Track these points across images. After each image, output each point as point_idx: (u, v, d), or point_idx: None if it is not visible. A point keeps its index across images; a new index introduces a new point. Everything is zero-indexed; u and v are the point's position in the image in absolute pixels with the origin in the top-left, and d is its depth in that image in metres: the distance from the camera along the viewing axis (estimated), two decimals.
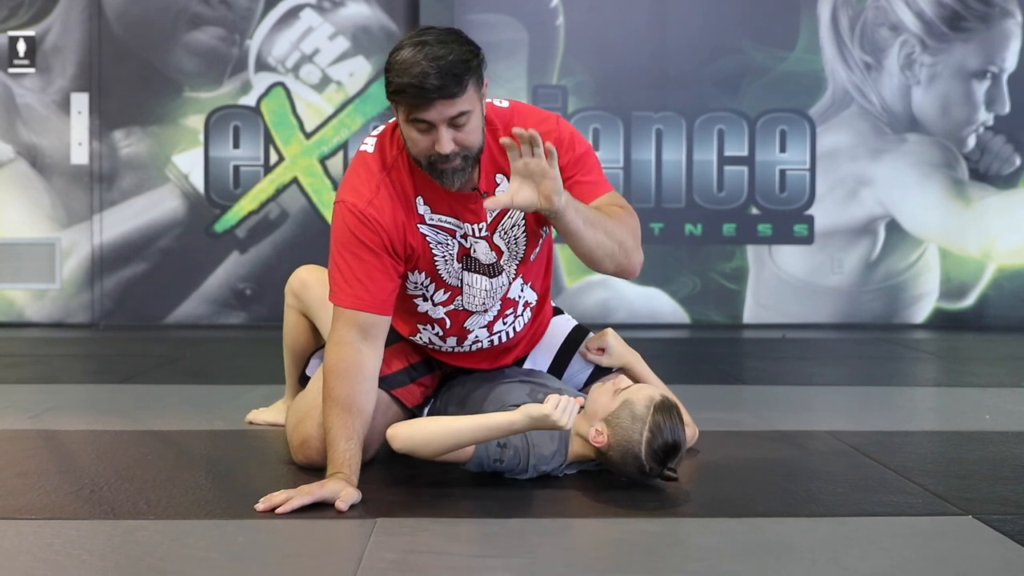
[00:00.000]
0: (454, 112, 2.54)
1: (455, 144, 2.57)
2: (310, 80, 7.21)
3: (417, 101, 2.52)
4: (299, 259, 5.84)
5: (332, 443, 2.62)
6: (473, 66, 2.55)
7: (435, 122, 2.55)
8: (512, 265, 2.85)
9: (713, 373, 5.06)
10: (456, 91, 2.52)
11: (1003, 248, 7.48)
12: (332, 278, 2.73)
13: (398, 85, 2.54)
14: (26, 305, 7.16)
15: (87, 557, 2.18)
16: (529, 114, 2.81)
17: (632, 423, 2.66)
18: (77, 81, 7.11)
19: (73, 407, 4.00)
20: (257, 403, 3.85)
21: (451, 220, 2.75)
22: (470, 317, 2.89)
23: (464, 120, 2.57)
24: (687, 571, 2.16)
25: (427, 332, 2.93)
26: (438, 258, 2.78)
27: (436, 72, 2.49)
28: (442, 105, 2.53)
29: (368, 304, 2.69)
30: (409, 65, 2.51)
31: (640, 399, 2.69)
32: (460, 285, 2.84)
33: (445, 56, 2.50)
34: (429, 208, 2.73)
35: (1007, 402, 4.25)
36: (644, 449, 2.64)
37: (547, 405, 2.53)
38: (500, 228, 2.79)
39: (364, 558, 2.18)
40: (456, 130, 2.57)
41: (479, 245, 2.79)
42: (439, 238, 2.76)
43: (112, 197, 7.14)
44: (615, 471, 2.77)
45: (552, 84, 7.28)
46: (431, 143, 2.58)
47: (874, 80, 7.41)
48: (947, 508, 2.63)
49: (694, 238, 7.38)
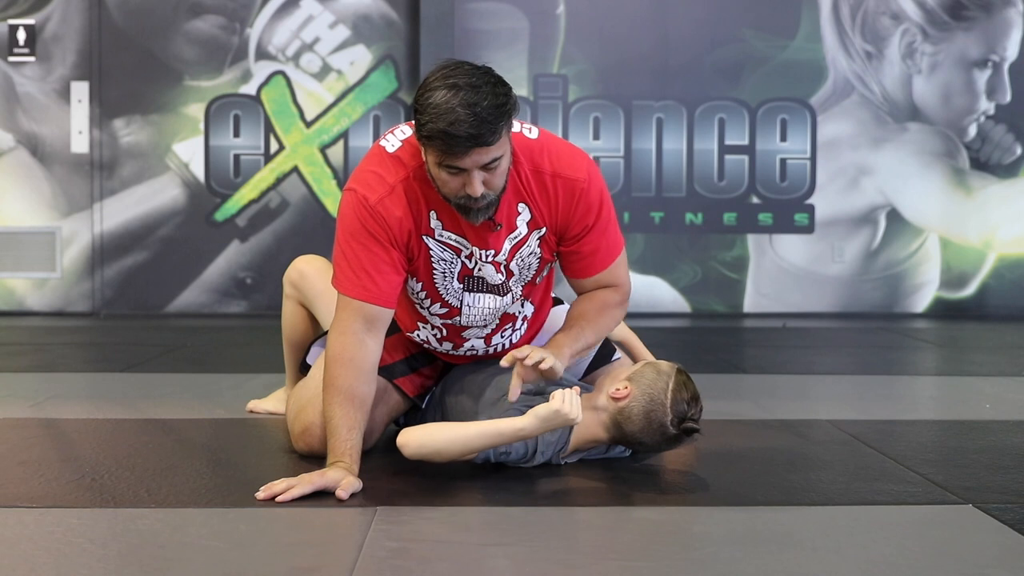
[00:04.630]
0: (487, 159, 2.51)
1: (485, 187, 2.55)
2: (310, 69, 7.20)
3: (452, 150, 2.48)
4: (300, 248, 5.86)
5: (333, 432, 2.62)
6: (507, 111, 2.51)
7: (468, 168, 2.52)
8: (519, 286, 2.85)
9: (714, 362, 5.06)
10: (491, 140, 2.48)
11: (1004, 237, 7.48)
12: (338, 265, 2.72)
13: (431, 131, 2.47)
14: (27, 294, 7.16)
15: (88, 545, 2.18)
16: (558, 155, 2.74)
17: (657, 377, 2.76)
18: (77, 69, 7.10)
19: (74, 395, 4.00)
20: (258, 391, 3.85)
21: (460, 240, 2.72)
22: (468, 330, 2.90)
23: (495, 164, 2.54)
24: (687, 560, 2.16)
25: (425, 331, 2.92)
26: (437, 273, 2.77)
27: (472, 121, 2.44)
28: (476, 153, 2.49)
29: (375, 296, 2.68)
30: (443, 111, 2.45)
31: (662, 362, 2.84)
32: (460, 305, 2.83)
33: (479, 102, 2.45)
34: (441, 224, 2.70)
35: (1007, 391, 4.26)
36: (670, 398, 2.72)
37: (554, 402, 2.56)
38: (518, 256, 2.78)
39: (365, 546, 2.18)
40: (487, 173, 2.54)
41: (486, 268, 2.77)
42: (444, 255, 2.74)
43: (112, 186, 7.14)
44: (628, 439, 2.78)
45: (553, 73, 7.27)
46: (461, 185, 2.54)
47: (875, 69, 7.39)
48: (947, 497, 2.63)
49: (695, 227, 7.38)
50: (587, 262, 2.82)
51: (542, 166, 2.70)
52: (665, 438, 2.77)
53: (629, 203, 7.30)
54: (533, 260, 2.81)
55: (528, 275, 2.84)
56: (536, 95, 7.25)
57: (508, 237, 2.73)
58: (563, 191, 2.72)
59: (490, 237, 2.72)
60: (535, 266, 2.83)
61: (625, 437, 2.79)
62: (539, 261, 2.83)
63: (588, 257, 2.81)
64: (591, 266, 2.83)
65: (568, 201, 2.73)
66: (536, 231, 2.76)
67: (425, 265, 2.75)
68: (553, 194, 2.72)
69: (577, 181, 2.72)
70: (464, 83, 2.47)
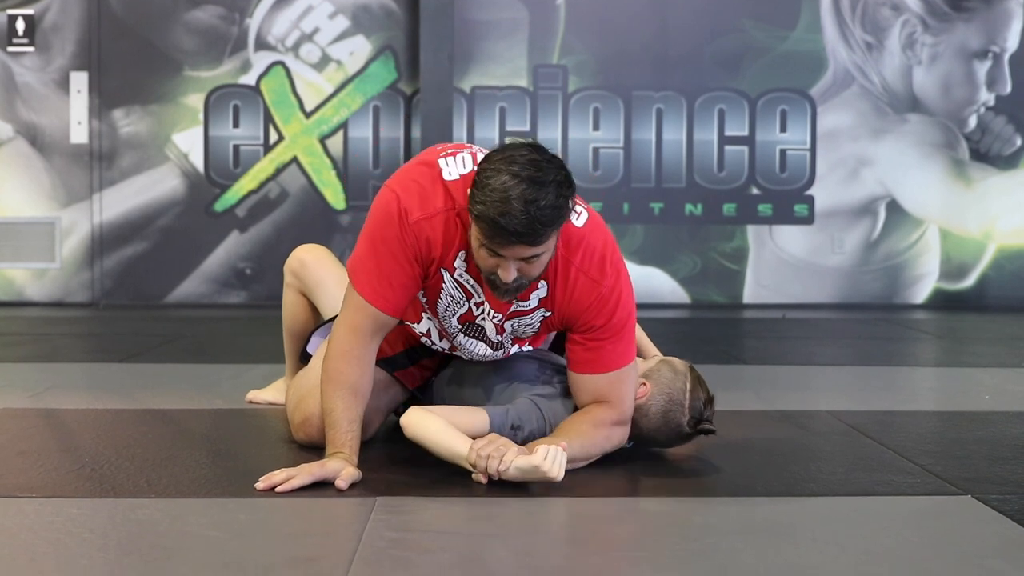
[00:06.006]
0: (529, 255, 2.47)
1: (518, 273, 2.51)
2: (310, 59, 7.19)
3: (495, 239, 2.43)
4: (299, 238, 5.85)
5: (334, 424, 2.61)
6: (563, 215, 2.45)
7: (507, 257, 2.48)
8: (510, 341, 2.83)
9: (713, 353, 5.06)
10: (539, 241, 2.44)
11: (1003, 228, 7.47)
12: (362, 264, 2.67)
13: (481, 213, 2.41)
14: (26, 284, 7.16)
15: (88, 535, 2.18)
16: (590, 257, 2.66)
17: (675, 376, 2.79)
18: (76, 60, 7.09)
19: (73, 386, 4.00)
20: (257, 382, 3.85)
21: (476, 288, 2.70)
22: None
23: (535, 259, 2.50)
24: (687, 550, 2.16)
25: (428, 323, 2.89)
26: (441, 305, 2.75)
27: (525, 219, 2.37)
28: (520, 249, 2.45)
29: (391, 306, 2.66)
30: (498, 199, 2.38)
31: (676, 360, 2.87)
32: (454, 338, 2.82)
33: (538, 200, 2.37)
34: (464, 266, 2.66)
35: (1007, 382, 4.26)
36: (688, 399, 2.76)
37: (536, 457, 2.47)
38: (516, 321, 2.75)
39: (364, 536, 2.18)
40: (525, 263, 2.50)
41: (487, 324, 2.76)
42: (454, 293, 2.71)
43: (112, 176, 7.13)
44: (641, 436, 2.79)
45: (552, 63, 7.26)
46: (495, 266, 2.50)
47: (875, 60, 7.38)
48: (946, 488, 2.64)
49: (694, 218, 7.37)
50: (587, 357, 2.71)
51: (572, 259, 2.65)
52: (679, 437, 2.80)
53: (629, 194, 7.29)
54: (529, 331, 2.79)
55: (521, 336, 2.82)
56: (536, 85, 7.24)
57: (516, 303, 2.70)
58: (581, 288, 2.66)
59: (503, 302, 2.68)
60: (528, 334, 2.81)
61: (639, 433, 2.80)
62: (534, 333, 2.81)
63: (590, 353, 2.71)
64: (590, 363, 2.71)
65: (582, 299, 2.67)
66: (543, 310, 2.73)
67: (433, 296, 2.74)
68: (572, 287, 2.67)
69: (598, 285, 2.67)
70: (528, 175, 2.40)
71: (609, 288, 2.67)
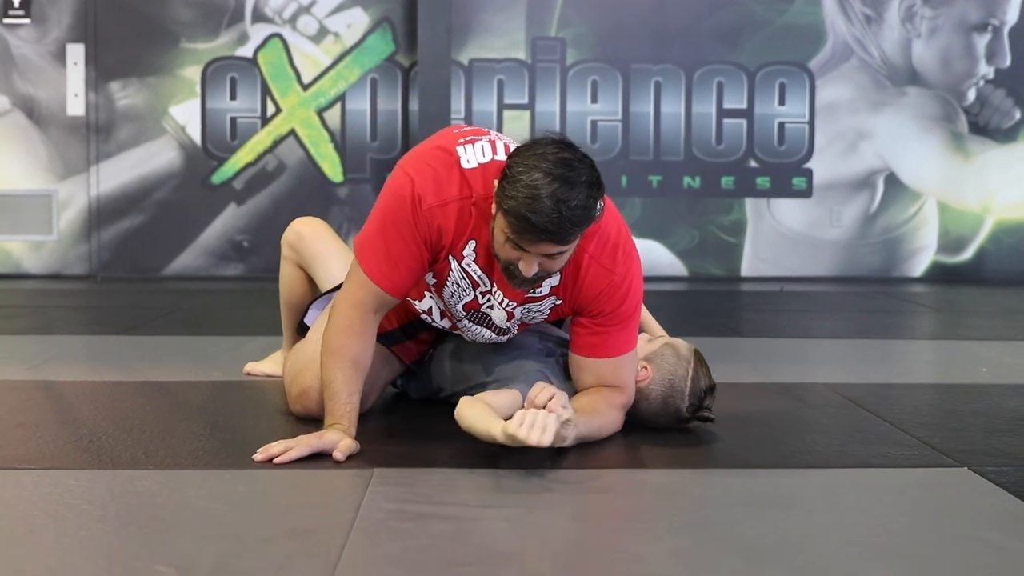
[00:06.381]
0: (554, 251, 2.46)
1: (539, 268, 2.50)
2: (307, 31, 7.16)
3: (522, 235, 2.41)
4: (297, 211, 5.85)
5: (333, 395, 2.62)
6: (592, 216, 2.44)
7: (531, 253, 2.46)
8: (516, 327, 2.82)
9: (711, 325, 5.06)
10: (566, 240, 2.43)
11: (1002, 202, 7.47)
12: (371, 242, 2.65)
13: (511, 208, 2.39)
14: (23, 256, 7.15)
15: (86, 507, 2.18)
16: (603, 247, 2.66)
17: (677, 361, 2.79)
18: (73, 32, 7.06)
19: (71, 358, 4.00)
20: (255, 354, 3.85)
21: (484, 278, 2.69)
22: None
23: (559, 256, 2.49)
24: (684, 522, 2.17)
25: (430, 300, 2.88)
26: (447, 291, 2.74)
27: (555, 218, 2.36)
28: (547, 246, 2.44)
29: (396, 287, 2.66)
30: (530, 196, 2.36)
31: (680, 344, 2.87)
32: (458, 322, 2.82)
33: (569, 200, 2.36)
34: (474, 255, 2.65)
35: (1003, 355, 4.26)
36: (689, 386, 2.76)
37: (511, 424, 2.37)
38: (527, 308, 2.74)
39: (362, 508, 2.18)
40: (547, 259, 2.49)
41: (496, 312, 2.75)
42: (462, 283, 2.71)
43: (109, 149, 7.11)
44: (639, 417, 2.79)
45: (551, 36, 7.23)
46: (517, 259, 2.49)
47: (874, 33, 7.36)
48: (943, 460, 2.64)
49: (692, 191, 7.36)
50: (593, 342, 2.70)
51: (586, 247, 2.64)
52: (678, 422, 2.81)
53: (627, 167, 7.28)
54: (538, 317, 2.79)
55: (529, 322, 2.83)
56: (534, 58, 7.21)
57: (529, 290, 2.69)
58: (593, 276, 2.66)
59: (514, 290, 2.67)
60: (537, 320, 2.82)
61: (638, 416, 2.80)
62: (543, 319, 2.82)
63: (597, 337, 2.71)
64: (595, 347, 2.70)
65: (594, 286, 2.66)
66: (554, 298, 2.72)
67: (440, 278, 2.74)
68: (584, 275, 2.66)
69: (611, 273, 2.66)
70: (561, 174, 2.38)
71: (621, 276, 2.67)
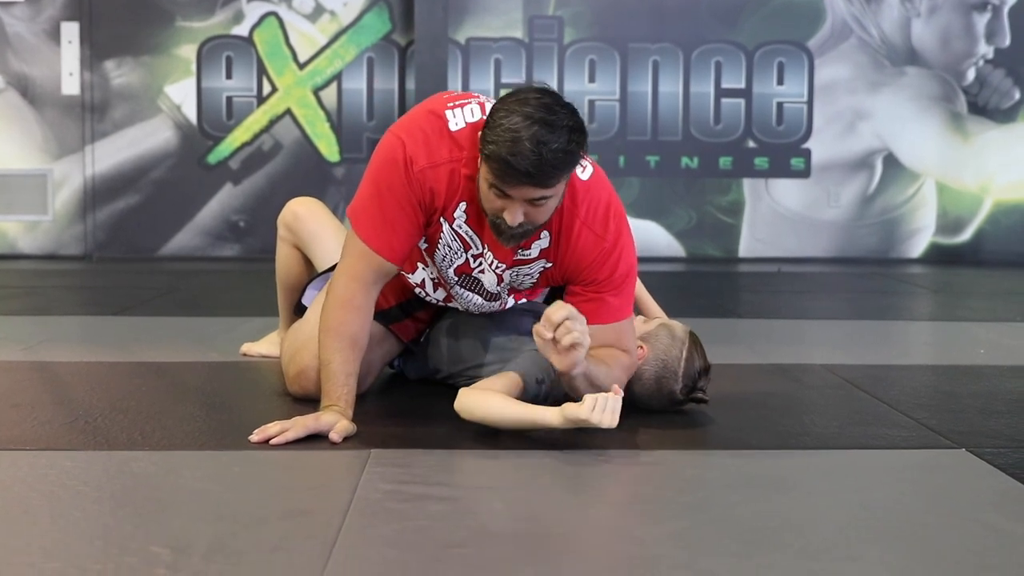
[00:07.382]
0: (536, 196, 2.45)
1: (524, 218, 2.49)
2: (303, 10, 7.12)
3: (505, 178, 2.42)
4: (293, 190, 5.82)
5: (331, 376, 2.61)
6: (574, 160, 2.44)
7: (514, 198, 2.46)
8: (506, 291, 2.82)
9: (708, 307, 5.06)
10: (548, 183, 2.43)
11: (1001, 183, 7.46)
12: (365, 209, 2.65)
13: (492, 153, 2.40)
14: (18, 237, 7.13)
15: (82, 488, 2.18)
16: (595, 211, 2.65)
17: (672, 342, 2.79)
18: (67, 10, 7.02)
19: (67, 339, 4.00)
20: (251, 335, 3.84)
21: (474, 239, 2.68)
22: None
23: (542, 202, 2.48)
24: (681, 503, 2.17)
25: (423, 272, 2.87)
26: (439, 254, 2.74)
27: (535, 160, 2.36)
28: (528, 190, 2.43)
29: (394, 252, 2.65)
30: (510, 139, 2.37)
31: (676, 325, 2.87)
32: (451, 289, 2.82)
33: (550, 143, 2.37)
34: (465, 216, 2.65)
35: (1001, 336, 4.26)
36: (683, 367, 2.76)
37: (583, 410, 2.38)
38: (515, 271, 2.74)
39: (358, 489, 2.18)
40: (531, 207, 2.48)
41: (486, 275, 2.74)
42: (453, 244, 2.70)
43: (104, 128, 7.08)
44: (633, 398, 2.78)
45: (548, 15, 7.20)
46: (502, 208, 2.49)
47: (873, 12, 7.33)
48: (941, 441, 2.64)
49: (690, 171, 7.34)
50: (589, 308, 2.64)
51: (577, 212, 2.64)
52: (671, 403, 2.81)
53: (624, 147, 7.26)
54: (527, 281, 2.78)
55: (518, 287, 2.82)
56: (531, 37, 7.19)
57: (518, 251, 2.68)
58: (584, 241, 2.65)
59: (505, 249, 2.66)
60: (527, 285, 2.80)
61: (632, 396, 2.79)
62: (532, 284, 2.80)
63: (591, 304, 2.67)
64: (591, 313, 2.62)
65: (586, 252, 2.66)
66: (543, 260, 2.71)
67: (431, 246, 2.73)
68: (576, 240, 2.65)
69: (602, 239, 2.66)
70: (541, 117, 2.39)
71: (612, 243, 2.67)
